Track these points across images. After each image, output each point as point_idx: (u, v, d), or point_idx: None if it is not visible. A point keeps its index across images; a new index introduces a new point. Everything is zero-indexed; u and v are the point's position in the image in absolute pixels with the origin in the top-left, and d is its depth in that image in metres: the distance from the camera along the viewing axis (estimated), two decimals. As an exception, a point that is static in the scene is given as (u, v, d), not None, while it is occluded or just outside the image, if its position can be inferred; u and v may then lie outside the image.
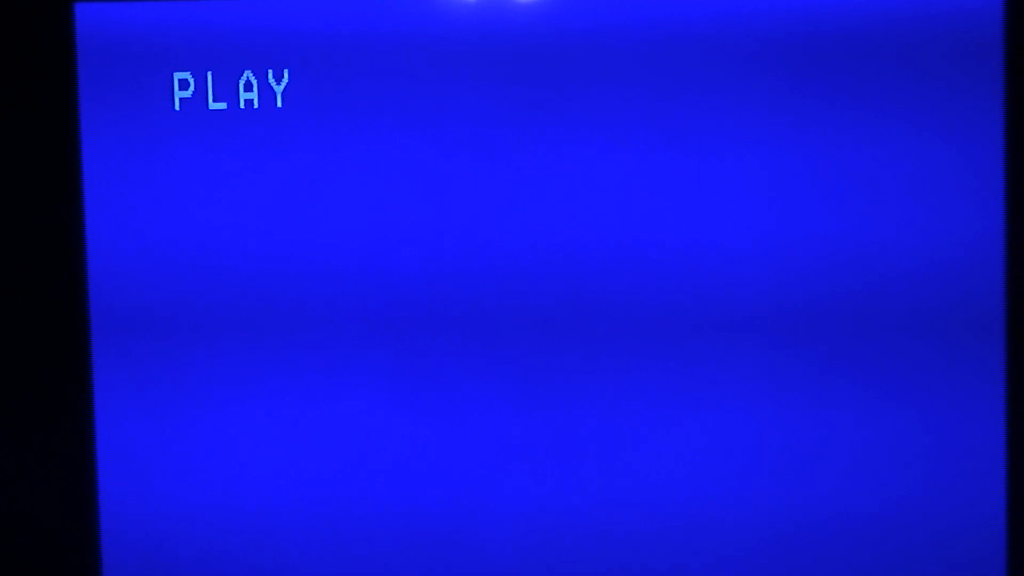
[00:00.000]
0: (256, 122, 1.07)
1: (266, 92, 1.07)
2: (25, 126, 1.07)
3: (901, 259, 1.06)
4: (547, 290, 1.08)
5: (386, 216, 1.08)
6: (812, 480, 1.08)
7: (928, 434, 1.08)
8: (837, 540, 1.09)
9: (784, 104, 1.06)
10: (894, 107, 1.06)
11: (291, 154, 1.07)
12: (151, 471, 1.09)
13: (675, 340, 1.07)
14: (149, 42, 1.06)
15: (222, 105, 1.07)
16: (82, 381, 1.08)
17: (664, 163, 1.07)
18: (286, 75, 1.07)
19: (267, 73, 1.07)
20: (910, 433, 1.08)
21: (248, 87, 1.07)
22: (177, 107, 1.06)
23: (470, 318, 1.08)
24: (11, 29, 1.06)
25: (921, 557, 1.09)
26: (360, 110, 1.07)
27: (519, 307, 1.08)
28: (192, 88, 1.06)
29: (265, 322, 1.08)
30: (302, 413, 1.09)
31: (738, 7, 1.05)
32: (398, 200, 1.07)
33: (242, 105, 1.07)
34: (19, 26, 1.06)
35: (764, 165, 1.06)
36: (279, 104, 1.07)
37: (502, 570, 1.10)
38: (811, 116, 1.06)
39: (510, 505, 1.10)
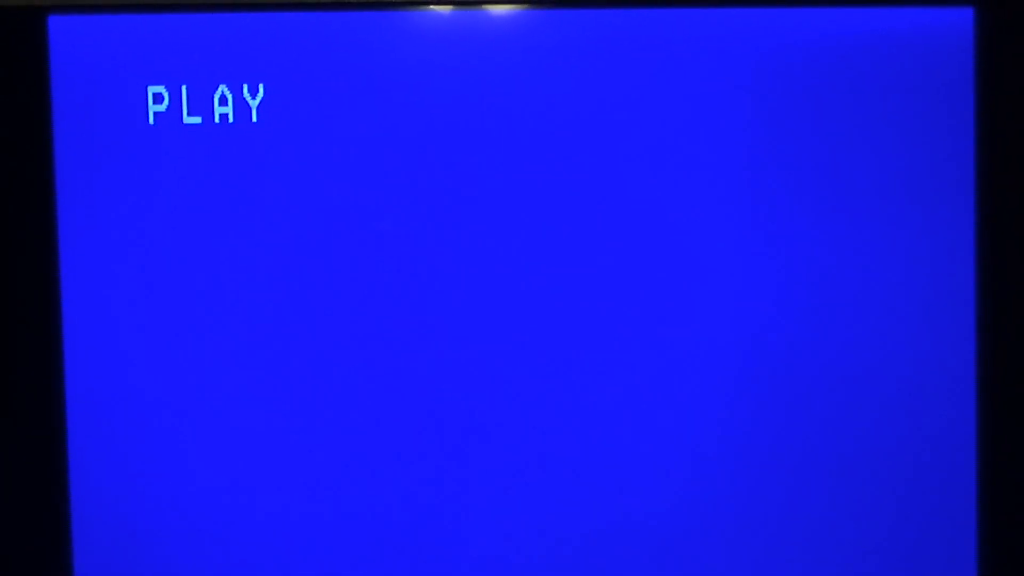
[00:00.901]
0: (231, 137, 1.06)
1: (241, 106, 1.06)
2: (-4, 140, 1.06)
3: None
4: (534, 303, 1.08)
5: (363, 232, 1.07)
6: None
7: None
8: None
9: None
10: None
11: (266, 170, 1.07)
12: (128, 472, 1.08)
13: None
14: (123, 55, 1.05)
15: (197, 119, 1.06)
16: (53, 374, 1.07)
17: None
18: (261, 89, 1.06)
19: (242, 87, 1.06)
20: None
21: (223, 101, 1.06)
22: (152, 121, 1.06)
23: (454, 338, 1.08)
24: (-17, 41, 1.05)
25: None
26: (336, 126, 1.07)
27: (505, 318, 1.08)
28: (167, 102, 1.06)
29: (237, 336, 1.07)
30: (277, 432, 1.08)
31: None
32: (375, 216, 1.07)
33: (217, 120, 1.06)
34: (-9, 38, 1.05)
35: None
36: (254, 119, 1.06)
37: None
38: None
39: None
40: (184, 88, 1.06)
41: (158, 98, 1.06)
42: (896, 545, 1.10)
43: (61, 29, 1.05)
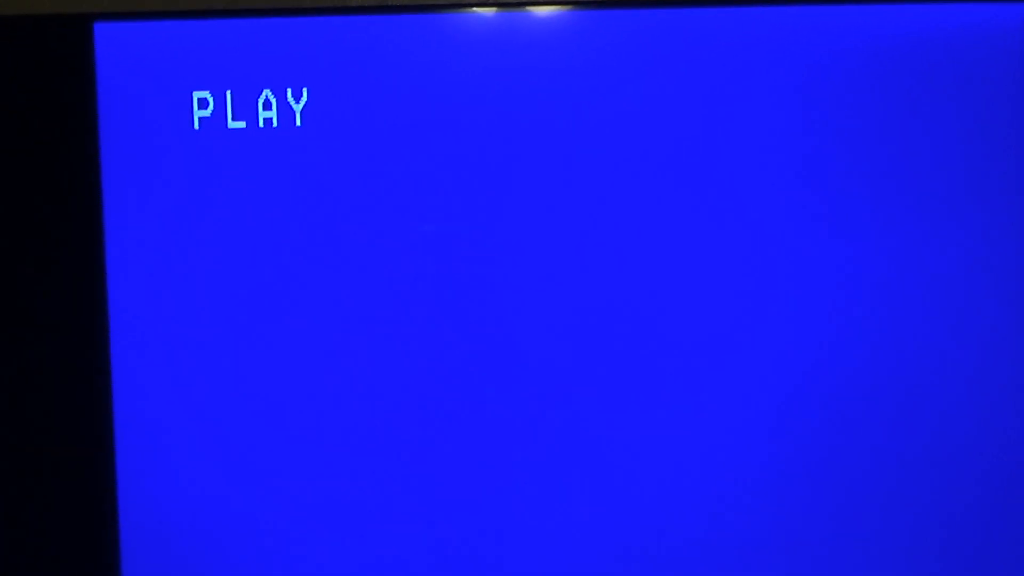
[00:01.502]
0: (276, 141, 1.06)
1: (285, 111, 1.06)
2: (44, 147, 1.06)
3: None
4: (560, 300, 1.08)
5: (408, 236, 1.07)
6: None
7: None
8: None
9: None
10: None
11: (311, 173, 1.07)
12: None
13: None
14: (168, 61, 1.06)
15: (241, 124, 1.06)
16: (100, 377, 1.07)
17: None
18: (305, 94, 1.06)
19: (286, 92, 1.06)
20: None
21: (267, 106, 1.06)
22: (197, 126, 1.06)
23: (486, 341, 1.08)
24: (30, 49, 1.06)
25: None
26: (380, 129, 1.06)
27: (549, 329, 1.08)
28: (212, 107, 1.06)
29: (284, 339, 1.08)
30: (324, 440, 1.08)
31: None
32: (419, 219, 1.07)
33: (261, 124, 1.06)
34: (38, 46, 1.06)
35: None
36: (298, 123, 1.06)
37: None
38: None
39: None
40: (228, 93, 1.06)
41: (203, 103, 1.06)
42: (952, 560, 1.09)
43: (106, 36, 1.05)
